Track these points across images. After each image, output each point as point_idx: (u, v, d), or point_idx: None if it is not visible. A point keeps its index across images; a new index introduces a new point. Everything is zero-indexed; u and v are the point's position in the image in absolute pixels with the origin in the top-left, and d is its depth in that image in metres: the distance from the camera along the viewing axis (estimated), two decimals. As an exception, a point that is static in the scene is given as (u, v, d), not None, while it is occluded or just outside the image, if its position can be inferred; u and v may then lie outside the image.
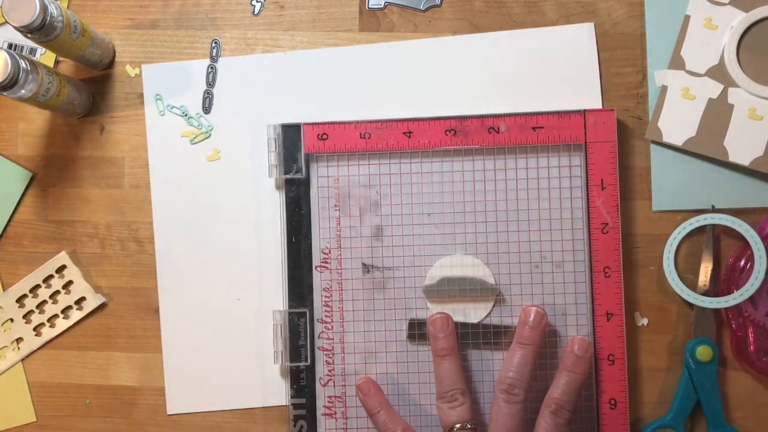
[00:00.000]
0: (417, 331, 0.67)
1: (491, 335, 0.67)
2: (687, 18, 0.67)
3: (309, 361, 0.67)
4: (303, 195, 0.68)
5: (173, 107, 0.70)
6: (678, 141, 0.67)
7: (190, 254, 0.70)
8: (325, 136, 0.67)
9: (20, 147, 0.71)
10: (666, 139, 0.67)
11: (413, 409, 0.67)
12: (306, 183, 0.68)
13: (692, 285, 0.66)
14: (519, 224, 0.67)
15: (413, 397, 0.67)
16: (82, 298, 0.70)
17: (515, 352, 0.64)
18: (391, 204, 0.68)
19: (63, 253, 0.70)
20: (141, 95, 0.71)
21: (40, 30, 0.60)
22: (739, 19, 0.66)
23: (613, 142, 0.66)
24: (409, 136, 0.67)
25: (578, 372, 0.63)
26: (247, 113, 0.70)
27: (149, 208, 0.70)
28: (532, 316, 0.65)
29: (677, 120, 0.67)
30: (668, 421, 0.66)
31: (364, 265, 0.68)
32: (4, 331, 0.71)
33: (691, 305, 0.66)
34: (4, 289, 0.71)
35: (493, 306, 0.67)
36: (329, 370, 0.67)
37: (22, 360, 0.71)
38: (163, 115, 0.70)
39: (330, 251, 0.68)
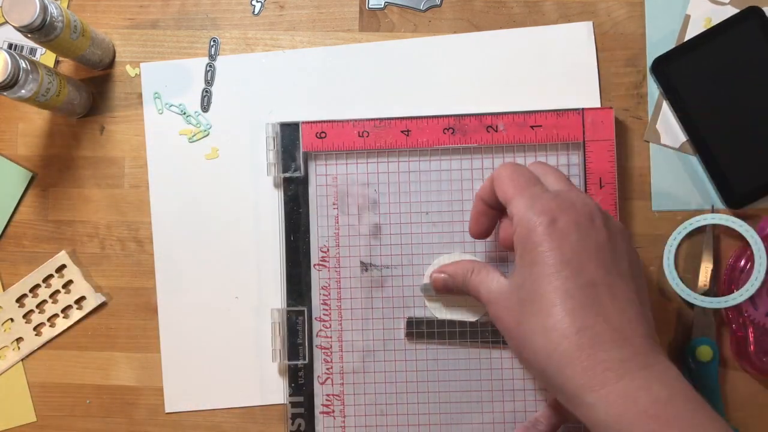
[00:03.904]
0: (415, 329, 0.67)
1: (489, 334, 0.66)
2: (687, 18, 0.67)
3: (307, 359, 0.67)
4: (301, 193, 0.68)
5: (171, 105, 0.70)
6: (676, 143, 0.67)
7: (188, 253, 0.70)
8: (323, 135, 0.67)
9: (20, 147, 0.71)
10: (664, 141, 0.67)
11: (411, 408, 0.67)
12: (304, 181, 0.68)
13: (692, 285, 0.66)
14: (517, 223, 0.67)
15: (411, 396, 0.67)
16: (82, 298, 0.70)
17: None
18: (389, 202, 0.68)
19: (63, 253, 0.70)
20: (141, 95, 0.71)
21: (40, 30, 0.60)
22: (739, 19, 0.66)
23: (612, 140, 0.65)
24: (408, 135, 0.67)
25: None
26: (246, 111, 0.70)
27: (149, 208, 0.70)
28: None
29: (676, 122, 0.67)
30: (668, 421, 0.66)
31: (362, 263, 0.68)
32: (4, 330, 0.71)
33: (691, 305, 0.66)
34: (4, 289, 0.71)
35: (492, 305, 0.67)
36: (327, 369, 0.67)
37: (22, 360, 0.71)
38: (161, 113, 0.70)
39: (328, 249, 0.68)
